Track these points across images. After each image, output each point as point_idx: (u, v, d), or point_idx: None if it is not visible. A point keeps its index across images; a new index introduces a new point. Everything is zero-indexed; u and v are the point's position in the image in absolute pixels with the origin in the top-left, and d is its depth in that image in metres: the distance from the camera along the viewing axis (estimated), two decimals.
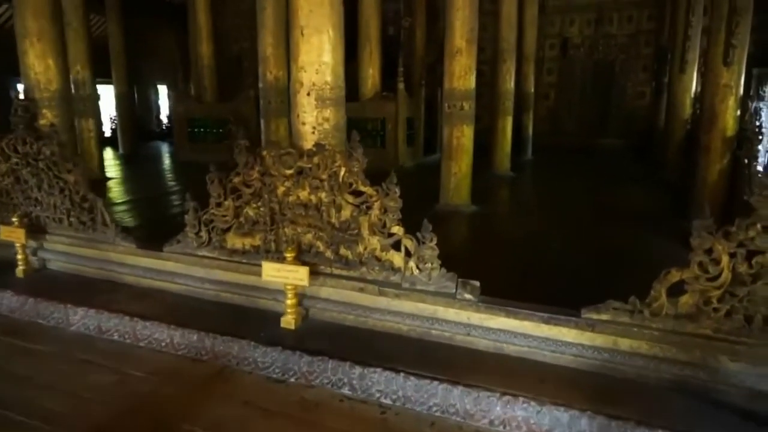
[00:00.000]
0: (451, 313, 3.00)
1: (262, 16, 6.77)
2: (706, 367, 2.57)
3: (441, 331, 3.02)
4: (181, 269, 3.68)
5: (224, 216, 3.42)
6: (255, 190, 3.31)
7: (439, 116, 8.90)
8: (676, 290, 2.64)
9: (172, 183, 8.97)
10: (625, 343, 2.71)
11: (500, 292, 3.05)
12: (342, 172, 3.07)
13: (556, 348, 2.82)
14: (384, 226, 3.05)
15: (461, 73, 5.97)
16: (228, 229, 3.47)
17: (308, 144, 3.24)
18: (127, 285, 3.91)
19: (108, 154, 12.43)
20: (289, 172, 3.19)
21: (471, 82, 6.04)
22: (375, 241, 3.10)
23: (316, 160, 3.10)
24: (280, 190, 3.24)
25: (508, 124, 9.03)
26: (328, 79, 3.19)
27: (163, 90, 17.84)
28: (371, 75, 9.73)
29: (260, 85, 7.14)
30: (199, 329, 3.19)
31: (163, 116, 17.45)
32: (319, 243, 3.22)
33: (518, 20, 10.21)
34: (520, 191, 8.04)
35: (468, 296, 2.95)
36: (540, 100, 13.17)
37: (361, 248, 3.14)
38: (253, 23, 16.71)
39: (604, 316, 2.73)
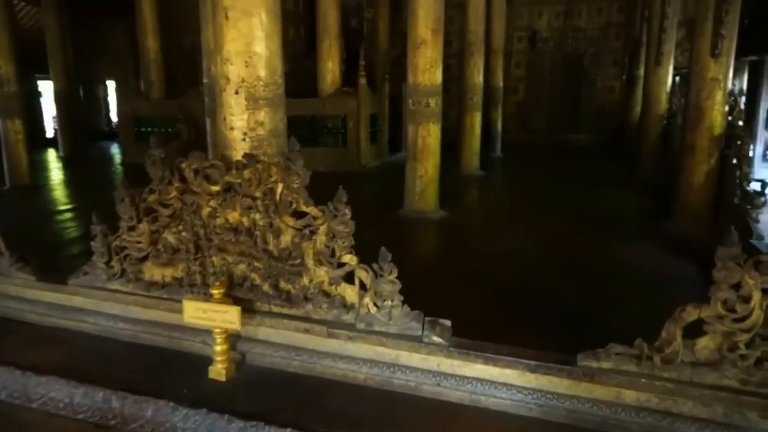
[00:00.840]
0: (417, 359, 2.45)
1: (204, 4, 6.06)
2: (730, 426, 2.08)
3: (405, 380, 2.46)
4: (91, 305, 3.03)
5: (138, 242, 2.79)
6: (174, 211, 2.68)
7: (404, 113, 8.35)
8: (692, 331, 2.14)
9: (109, 190, 8.13)
10: (630, 396, 2.20)
11: (475, 327, 2.52)
12: (279, 189, 2.47)
13: (546, 401, 2.30)
14: (333, 254, 2.47)
15: (426, 67, 5.42)
16: (144, 258, 2.83)
17: (238, 154, 2.63)
18: (29, 324, 3.22)
19: (48, 156, 11.51)
20: (215, 188, 2.58)
21: (437, 76, 5.50)
22: (322, 273, 2.51)
23: (247, 174, 2.49)
24: (205, 210, 2.62)
25: (477, 120, 8.54)
26: (262, 73, 2.59)
27: (113, 86, 16.78)
28: (331, 69, 9.10)
29: (204, 80, 6.44)
30: (106, 386, 2.55)
31: (114, 114, 16.40)
32: (254, 275, 2.62)
33: (486, 12, 9.76)
34: (491, 193, 7.55)
35: (437, 339, 2.40)
36: (509, 94, 12.79)
37: (305, 281, 2.55)
38: None
39: (604, 364, 2.21)
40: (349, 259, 2.45)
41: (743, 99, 6.36)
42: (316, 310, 2.54)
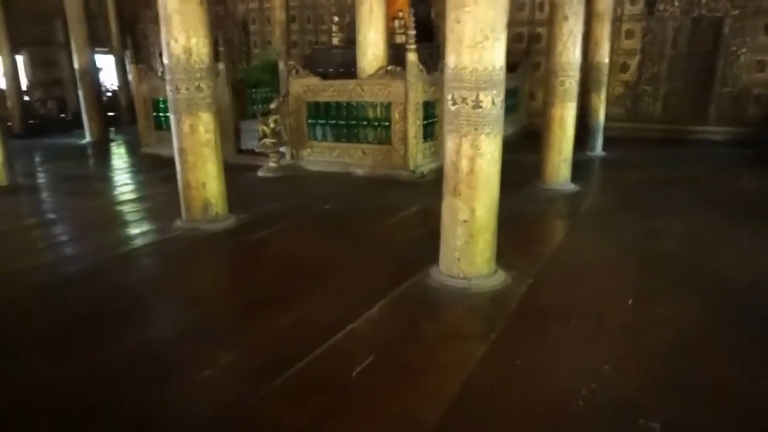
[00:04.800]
0: None
1: None
2: None
3: None
4: None
5: None
6: None
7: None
8: None
9: (76, 199, 6.46)
10: None
11: None
12: None
13: None
14: None
15: (477, 39, 3.12)
16: None
17: None
18: None
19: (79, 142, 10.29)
20: None
21: (496, 54, 3.19)
22: None
23: None
24: None
25: (569, 113, 6.05)
26: None
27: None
28: (373, 42, 6.91)
29: (164, 61, 4.56)
30: None
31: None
32: None
33: None
34: (587, 229, 4.96)
35: None
36: (614, 72, 9.97)
37: None
38: None
39: None
40: None
41: None
42: None
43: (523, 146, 8.14)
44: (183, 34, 4.32)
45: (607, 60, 8.16)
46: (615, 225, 5.00)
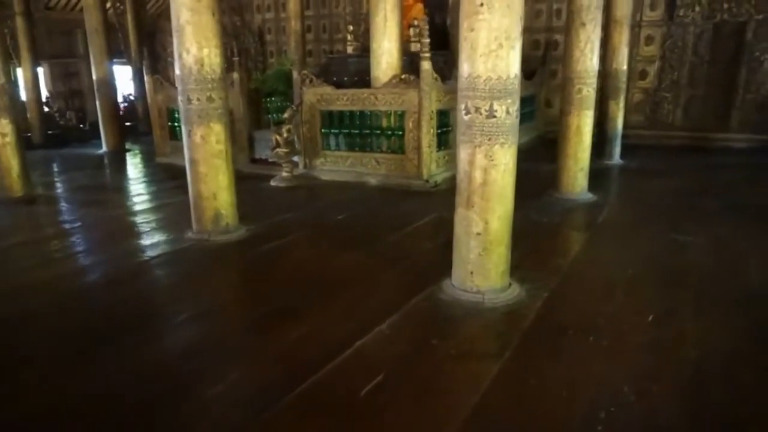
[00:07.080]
0: None
1: None
2: None
3: None
4: None
5: None
6: None
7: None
8: None
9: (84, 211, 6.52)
10: None
11: None
12: None
13: None
14: None
15: (491, 47, 3.03)
16: None
17: None
18: None
19: (97, 151, 10.37)
20: None
21: (511, 62, 3.10)
22: None
23: None
24: None
25: (586, 122, 5.92)
26: None
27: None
28: (387, 50, 6.87)
29: (176, 72, 4.54)
30: None
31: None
32: None
33: None
34: (605, 244, 4.84)
35: None
36: (633, 79, 9.82)
37: None
38: None
39: None
40: None
41: None
42: None
43: (540, 155, 8.02)
44: (195, 45, 4.30)
45: (625, 67, 8.01)
46: (635, 236, 4.85)
